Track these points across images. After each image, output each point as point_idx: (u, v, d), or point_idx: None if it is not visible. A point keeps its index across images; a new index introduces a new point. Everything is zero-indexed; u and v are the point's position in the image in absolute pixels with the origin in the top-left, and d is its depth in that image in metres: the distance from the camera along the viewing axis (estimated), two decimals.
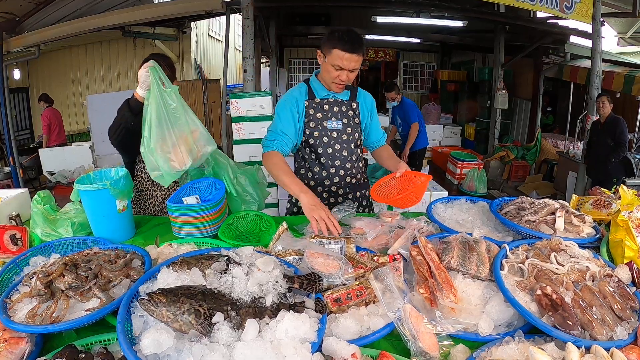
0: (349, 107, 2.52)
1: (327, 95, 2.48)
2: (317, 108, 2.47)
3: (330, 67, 2.28)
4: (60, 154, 7.52)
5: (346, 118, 2.50)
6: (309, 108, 2.46)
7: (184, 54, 10.42)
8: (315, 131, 2.48)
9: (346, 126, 2.50)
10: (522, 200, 2.08)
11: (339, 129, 2.48)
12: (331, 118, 2.47)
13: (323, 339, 1.19)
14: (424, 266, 1.52)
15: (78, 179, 2.01)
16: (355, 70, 2.28)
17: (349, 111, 2.51)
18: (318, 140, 2.49)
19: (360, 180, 2.66)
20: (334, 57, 2.24)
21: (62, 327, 1.24)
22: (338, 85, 2.35)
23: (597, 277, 1.49)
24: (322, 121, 2.47)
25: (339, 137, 2.49)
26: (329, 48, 2.24)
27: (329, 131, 2.48)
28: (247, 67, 5.95)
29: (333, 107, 2.48)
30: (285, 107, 2.45)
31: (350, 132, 2.51)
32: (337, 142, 2.49)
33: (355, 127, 2.53)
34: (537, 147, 9.01)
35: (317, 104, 2.47)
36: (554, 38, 8.71)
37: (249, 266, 1.41)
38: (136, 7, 7.53)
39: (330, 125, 2.47)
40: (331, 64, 2.26)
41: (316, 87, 2.49)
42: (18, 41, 7.44)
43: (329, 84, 2.40)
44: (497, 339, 1.27)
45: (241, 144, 4.94)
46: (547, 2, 5.93)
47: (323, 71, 2.39)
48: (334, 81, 2.33)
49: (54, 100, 8.69)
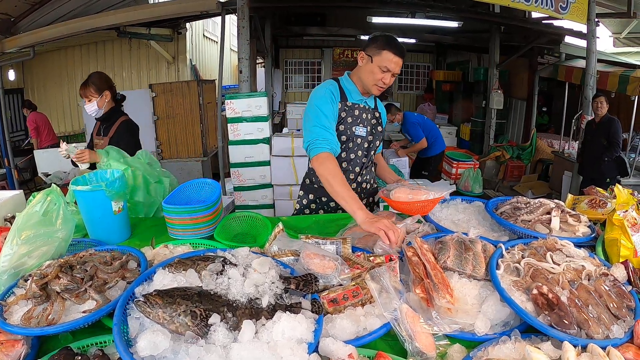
0: (373, 114, 2.52)
1: (360, 101, 2.45)
2: (348, 111, 2.41)
3: (377, 68, 2.27)
4: (55, 155, 7.43)
5: (370, 125, 2.49)
6: (342, 110, 2.39)
7: (180, 54, 10.39)
8: (343, 135, 2.41)
9: (369, 134, 2.48)
10: (517, 200, 2.09)
11: (363, 136, 2.46)
12: (359, 124, 2.44)
13: (320, 340, 1.19)
14: (420, 266, 1.52)
15: (73, 180, 2.01)
16: (396, 75, 2.31)
17: (373, 119, 2.51)
18: (344, 144, 2.43)
19: (373, 185, 2.71)
20: (383, 58, 2.25)
21: (58, 329, 1.24)
22: (380, 88, 2.34)
23: (592, 276, 1.49)
24: (351, 126, 2.42)
25: (362, 144, 2.47)
26: (378, 49, 2.26)
27: (356, 137, 2.44)
28: (243, 67, 5.95)
29: (362, 113, 2.45)
30: (326, 101, 2.32)
31: (372, 140, 2.50)
32: (360, 149, 2.48)
33: (377, 135, 2.54)
34: (532, 147, 9.03)
35: (349, 107, 2.41)
36: (549, 38, 8.74)
37: (245, 267, 1.41)
38: (131, 8, 7.52)
39: (358, 131, 2.43)
40: (379, 65, 2.26)
41: (350, 89, 2.44)
42: (13, 42, 7.41)
43: (369, 86, 2.35)
44: (494, 339, 1.28)
45: (237, 145, 4.95)
46: (542, 3, 5.95)
47: (366, 72, 2.34)
48: (376, 83, 2.32)
49: (37, 106, 8.71)
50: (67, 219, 1.66)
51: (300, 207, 2.66)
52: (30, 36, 7.30)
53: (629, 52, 11.12)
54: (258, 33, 9.35)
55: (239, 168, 5.03)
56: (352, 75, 2.46)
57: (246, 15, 5.86)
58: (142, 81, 10.38)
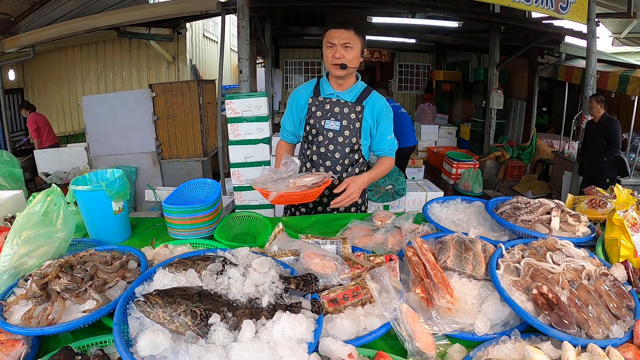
0: (352, 109, 2.46)
1: (331, 95, 2.47)
2: (318, 106, 2.47)
3: (325, 49, 2.35)
4: (55, 155, 7.49)
5: (346, 120, 2.45)
6: (312, 105, 2.49)
7: (180, 54, 10.39)
8: (313, 128, 2.49)
9: (344, 128, 2.46)
10: (517, 199, 2.09)
11: (336, 130, 2.46)
12: (330, 118, 2.45)
13: (320, 340, 1.19)
14: (420, 266, 1.52)
15: (73, 180, 2.00)
16: (348, 46, 2.30)
17: (352, 114, 2.45)
18: (314, 137, 2.50)
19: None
20: (326, 37, 2.34)
21: (58, 329, 1.24)
22: (334, 65, 2.34)
23: (592, 276, 1.49)
24: (320, 120, 2.47)
25: (334, 139, 2.47)
26: (324, 33, 2.36)
27: (326, 131, 2.47)
28: (243, 67, 5.95)
29: (334, 107, 2.46)
30: (289, 101, 2.61)
31: (348, 135, 2.47)
32: (331, 143, 2.48)
33: (355, 131, 2.47)
34: (532, 147, 9.04)
35: (320, 102, 2.47)
36: (549, 38, 8.75)
37: (245, 267, 1.41)
38: (131, 8, 7.53)
39: (328, 125, 2.46)
40: (325, 45, 2.35)
41: (324, 85, 2.51)
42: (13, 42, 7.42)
43: (330, 70, 2.40)
44: (494, 339, 1.28)
45: (237, 145, 4.94)
46: (542, 3, 5.96)
47: (324, 60, 2.41)
48: (329, 63, 2.35)
49: (36, 106, 8.71)
50: (68, 219, 1.66)
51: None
52: (30, 36, 7.31)
53: (629, 52, 11.13)
54: (258, 33, 9.36)
55: (239, 168, 5.02)
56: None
57: (246, 15, 5.85)
58: (142, 81, 10.39)
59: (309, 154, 2.55)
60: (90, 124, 6.96)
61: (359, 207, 2.68)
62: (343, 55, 2.30)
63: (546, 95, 11.31)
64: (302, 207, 2.64)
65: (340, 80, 2.44)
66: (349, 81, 2.46)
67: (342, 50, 2.30)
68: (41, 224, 1.54)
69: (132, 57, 10.42)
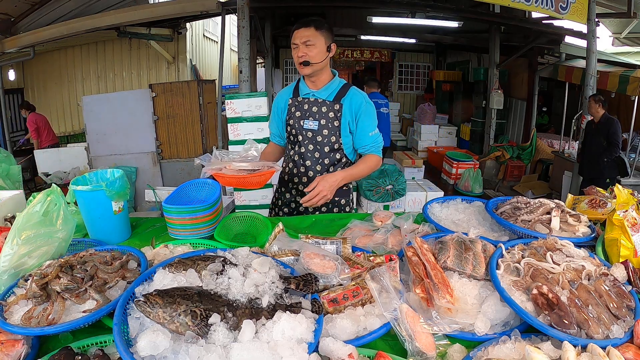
0: (330, 108, 2.43)
1: (307, 95, 2.48)
2: (298, 106, 2.50)
3: (292, 50, 2.39)
4: (56, 155, 7.49)
5: (325, 119, 2.44)
6: (292, 106, 2.52)
7: (180, 54, 10.39)
8: (293, 129, 2.52)
9: (323, 128, 2.44)
10: (517, 199, 2.08)
11: (314, 130, 2.45)
12: (308, 118, 2.46)
13: (320, 340, 1.18)
14: (420, 266, 1.52)
15: (73, 180, 2.00)
16: (309, 44, 2.32)
17: (330, 112, 2.43)
18: (295, 138, 2.52)
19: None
20: (291, 39, 2.39)
21: (58, 329, 1.23)
22: (300, 65, 2.37)
23: (592, 276, 1.49)
24: (299, 120, 2.48)
25: (313, 138, 2.47)
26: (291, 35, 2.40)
27: (305, 131, 2.48)
28: (243, 67, 5.95)
29: (312, 106, 2.46)
30: (273, 104, 2.68)
31: (327, 135, 2.45)
32: (310, 143, 2.48)
33: (333, 130, 2.45)
34: (532, 147, 9.04)
35: (299, 102, 2.49)
36: (549, 38, 8.75)
37: (245, 267, 1.40)
38: (132, 8, 7.53)
39: (307, 125, 2.46)
40: (292, 46, 2.39)
41: (301, 85, 2.53)
42: (13, 42, 7.42)
43: (298, 69, 2.42)
44: (494, 339, 1.28)
45: (237, 145, 4.94)
46: (542, 3, 5.97)
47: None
48: (296, 62, 2.40)
49: (35, 106, 8.70)
50: (68, 219, 1.66)
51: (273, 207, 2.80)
52: (30, 36, 7.32)
53: (629, 52, 11.13)
54: (258, 33, 9.36)
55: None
56: None
57: (246, 15, 5.86)
58: (142, 81, 10.39)
59: (292, 154, 2.58)
60: (91, 124, 6.97)
61: (342, 207, 2.62)
62: (305, 53, 2.32)
63: (546, 95, 11.31)
64: (285, 207, 2.68)
65: (312, 78, 2.44)
66: (321, 79, 2.46)
67: (305, 49, 2.32)
68: (41, 224, 1.54)
69: (132, 57, 10.42)
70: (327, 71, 2.47)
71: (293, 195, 2.63)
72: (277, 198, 2.75)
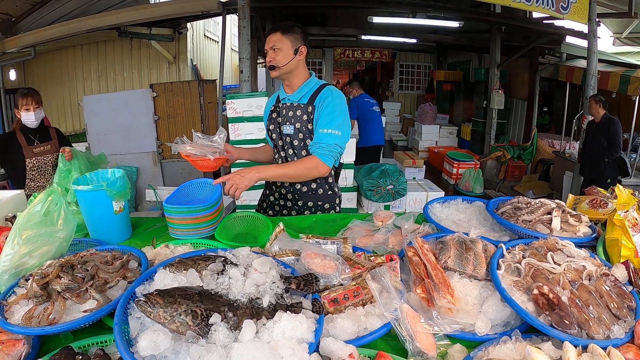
0: (304, 110, 2.42)
1: (285, 100, 2.50)
2: (278, 112, 2.52)
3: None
4: None
5: (299, 123, 2.43)
6: (273, 112, 2.55)
7: (180, 54, 10.38)
8: (273, 134, 2.55)
9: (298, 131, 2.44)
10: (518, 200, 2.08)
11: (291, 134, 2.46)
12: (286, 122, 2.46)
13: (320, 340, 1.18)
14: (421, 266, 1.52)
15: (74, 180, 2.00)
16: (276, 48, 2.33)
17: (304, 115, 2.42)
18: (276, 142, 2.56)
19: (315, 190, 2.55)
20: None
21: (59, 328, 1.24)
22: (270, 70, 2.40)
23: (593, 276, 1.49)
24: (280, 125, 2.49)
25: (291, 143, 2.48)
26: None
27: (284, 136, 2.49)
28: (244, 67, 5.96)
29: (289, 111, 2.46)
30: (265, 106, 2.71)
31: (302, 138, 2.45)
32: (290, 148, 2.49)
33: (308, 133, 2.43)
34: (533, 147, 9.04)
35: (280, 108, 2.51)
36: (550, 38, 8.74)
37: (246, 267, 1.41)
38: (132, 8, 7.53)
39: (285, 129, 2.47)
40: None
41: (281, 90, 2.56)
42: (14, 42, 7.42)
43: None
44: (494, 339, 1.28)
45: (238, 145, 4.93)
46: (543, 3, 5.96)
47: None
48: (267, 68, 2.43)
49: None
50: (68, 218, 1.66)
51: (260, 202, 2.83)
52: (31, 36, 7.31)
53: (630, 52, 11.10)
54: (259, 33, 9.36)
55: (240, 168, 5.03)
56: None
57: (247, 15, 5.86)
58: (143, 81, 10.37)
59: (276, 157, 2.61)
60: (91, 124, 6.96)
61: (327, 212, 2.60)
62: (273, 58, 2.35)
63: (547, 95, 11.30)
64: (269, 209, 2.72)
65: (286, 82, 2.47)
66: (294, 82, 2.45)
67: (272, 53, 2.35)
68: (42, 224, 1.54)
69: (133, 57, 10.41)
70: (300, 74, 2.44)
71: (277, 199, 2.66)
72: (263, 200, 2.80)
